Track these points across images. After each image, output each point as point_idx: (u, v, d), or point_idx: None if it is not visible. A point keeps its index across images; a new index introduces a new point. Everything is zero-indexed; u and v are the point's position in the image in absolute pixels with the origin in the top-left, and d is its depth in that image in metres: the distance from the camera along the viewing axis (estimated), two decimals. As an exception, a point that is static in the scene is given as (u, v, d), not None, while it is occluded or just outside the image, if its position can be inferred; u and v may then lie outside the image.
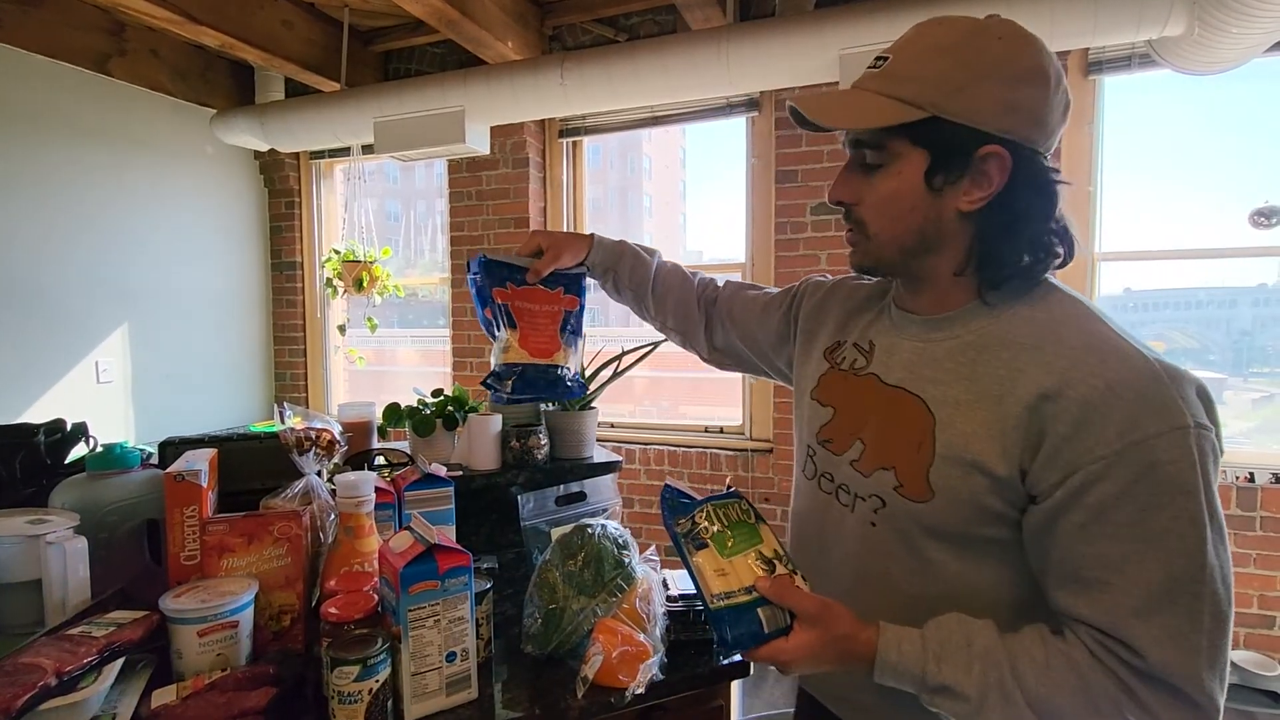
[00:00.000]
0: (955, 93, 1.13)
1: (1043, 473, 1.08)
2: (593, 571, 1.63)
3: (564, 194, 5.69)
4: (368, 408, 2.37)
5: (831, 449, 1.38)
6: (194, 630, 1.36)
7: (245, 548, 1.52)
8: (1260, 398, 4.55)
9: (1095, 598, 1.04)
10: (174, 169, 5.60)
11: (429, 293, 6.46)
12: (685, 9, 4.41)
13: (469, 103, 4.62)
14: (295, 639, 1.54)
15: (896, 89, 1.17)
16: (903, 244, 1.24)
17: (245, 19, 4.64)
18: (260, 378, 6.42)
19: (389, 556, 1.37)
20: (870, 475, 1.27)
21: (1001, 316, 1.21)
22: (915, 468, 1.20)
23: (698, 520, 1.28)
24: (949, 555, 1.19)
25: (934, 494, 1.17)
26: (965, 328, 1.24)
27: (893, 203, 1.22)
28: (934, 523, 1.18)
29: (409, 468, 2.08)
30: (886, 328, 1.39)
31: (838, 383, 1.43)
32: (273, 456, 1.86)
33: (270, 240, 6.44)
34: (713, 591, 1.19)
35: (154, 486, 1.75)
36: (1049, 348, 1.12)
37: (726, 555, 1.23)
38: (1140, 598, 1.01)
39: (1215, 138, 4.45)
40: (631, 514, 5.35)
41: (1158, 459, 1.00)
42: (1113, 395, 1.03)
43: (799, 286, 1.74)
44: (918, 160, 1.18)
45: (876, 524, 1.26)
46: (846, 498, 1.33)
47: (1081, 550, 1.05)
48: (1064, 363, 1.09)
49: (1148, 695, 1.00)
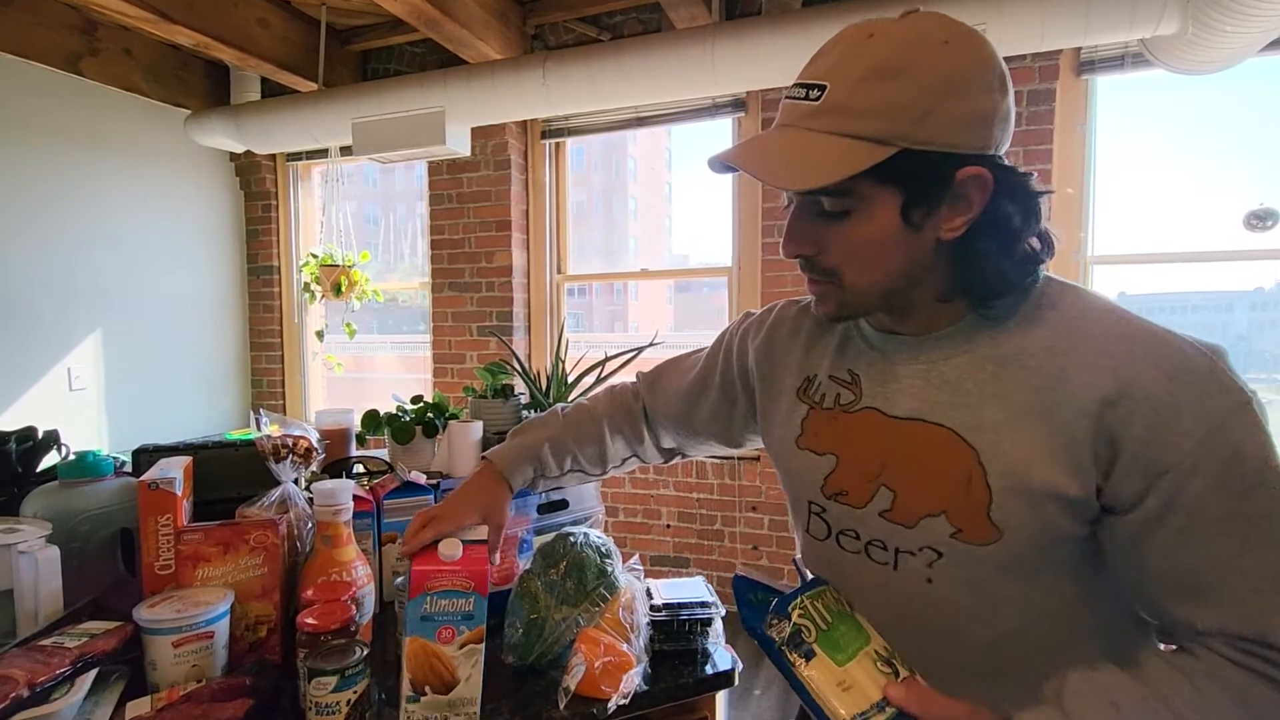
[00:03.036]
0: (921, 119, 1.01)
1: (1124, 482, 1.00)
2: (575, 581, 1.63)
3: (546, 196, 5.70)
4: (346, 415, 2.37)
5: (848, 501, 1.22)
6: (169, 641, 1.36)
7: (221, 557, 1.52)
8: None
9: (1221, 603, 0.97)
10: (148, 171, 5.59)
11: (409, 298, 6.46)
12: (670, 7, 4.42)
13: (449, 103, 4.63)
14: (272, 650, 1.54)
15: (852, 126, 1.03)
16: (885, 288, 1.13)
17: (220, 17, 4.65)
18: (236, 384, 6.41)
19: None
20: (915, 526, 1.13)
21: (1009, 324, 1.13)
22: (972, 509, 1.08)
23: (796, 620, 1.10)
24: (1021, 589, 1.10)
25: (1002, 533, 1.06)
26: (970, 341, 1.14)
27: (869, 249, 1.10)
28: (1006, 559, 1.08)
29: (388, 476, 2.09)
30: (867, 353, 1.27)
31: (827, 424, 1.27)
32: (249, 464, 1.86)
33: (246, 244, 6.43)
34: (845, 715, 1.02)
35: (128, 495, 1.76)
36: (1085, 347, 1.05)
37: (842, 664, 1.06)
38: (1270, 589, 0.94)
39: (1209, 139, 4.45)
40: (616, 523, 5.38)
41: (1238, 441, 0.96)
42: (1178, 386, 0.98)
43: (727, 339, 1.60)
44: (890, 199, 1.06)
45: (934, 579, 1.13)
46: (883, 554, 1.18)
47: (1189, 556, 0.98)
48: (1111, 361, 1.02)
49: None
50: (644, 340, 2.68)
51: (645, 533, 5.35)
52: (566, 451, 1.67)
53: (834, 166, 1.02)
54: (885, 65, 1.01)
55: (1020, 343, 1.10)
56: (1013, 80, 1.07)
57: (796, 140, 1.06)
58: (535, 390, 2.55)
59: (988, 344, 1.12)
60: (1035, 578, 1.09)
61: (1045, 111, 4.23)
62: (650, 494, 5.28)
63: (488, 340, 5.58)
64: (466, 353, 5.70)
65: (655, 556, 5.31)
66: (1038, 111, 4.24)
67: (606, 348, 2.72)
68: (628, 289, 6.70)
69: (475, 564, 1.36)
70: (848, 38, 1.07)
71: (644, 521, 5.35)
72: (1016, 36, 3.61)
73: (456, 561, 1.36)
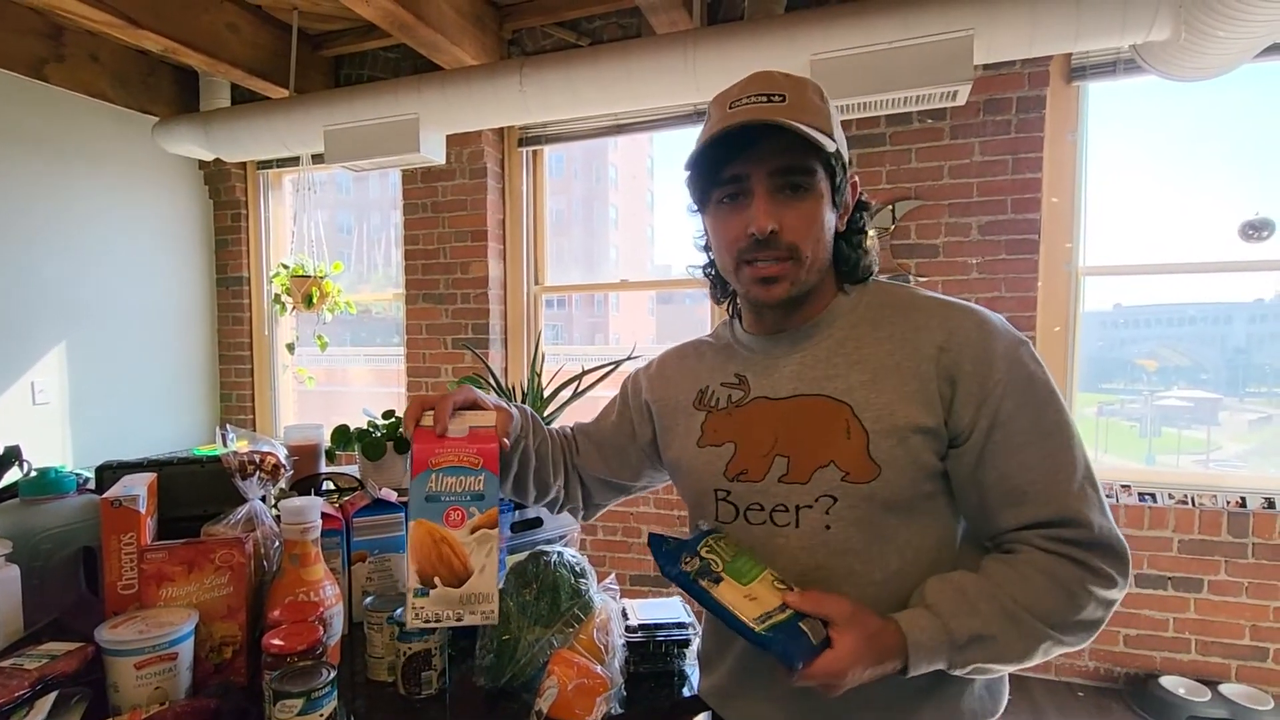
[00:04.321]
0: (834, 130, 1.39)
1: (963, 410, 1.31)
2: (548, 601, 1.64)
3: (524, 205, 5.70)
4: (315, 430, 2.37)
5: (749, 479, 1.43)
6: (131, 662, 1.36)
7: (185, 576, 1.53)
8: (1257, 419, 4.51)
9: (1035, 500, 1.27)
10: (114, 180, 5.57)
11: (382, 309, 6.45)
12: (650, 12, 4.41)
13: (424, 110, 4.63)
14: (237, 671, 1.54)
15: (813, 120, 1.34)
16: (822, 262, 1.43)
17: (189, 22, 4.64)
18: (204, 398, 6.38)
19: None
20: (809, 480, 1.36)
21: (857, 308, 1.47)
22: (855, 452, 1.33)
23: (704, 556, 1.33)
24: (901, 525, 1.34)
25: (881, 469, 1.31)
26: (832, 327, 1.46)
27: (816, 226, 1.38)
28: (887, 495, 1.32)
29: (358, 493, 2.09)
30: (748, 358, 1.55)
31: (723, 421, 1.51)
32: (215, 481, 1.86)
33: (215, 254, 6.40)
34: (752, 617, 1.22)
35: (90, 512, 1.76)
36: (916, 314, 1.40)
37: (746, 583, 1.28)
38: (1068, 482, 1.26)
39: (1204, 147, 4.44)
40: (594, 541, 5.37)
41: (1031, 370, 1.31)
42: (984, 331, 1.33)
43: (626, 384, 1.81)
44: (825, 189, 1.39)
45: (832, 525, 1.35)
46: (786, 517, 1.39)
47: (1010, 462, 1.28)
48: (936, 319, 1.37)
49: (1097, 560, 1.25)
50: (623, 353, 2.69)
51: (624, 551, 5.34)
52: (540, 431, 1.72)
53: (821, 142, 1.31)
54: (810, 89, 1.40)
55: (868, 322, 1.44)
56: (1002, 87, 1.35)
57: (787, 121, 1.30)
58: (510, 405, 2.55)
59: (846, 328, 1.45)
60: (911, 516, 1.35)
61: (1035, 119, 4.25)
62: (630, 510, 5.28)
63: (463, 353, 5.57)
64: (441, 366, 5.69)
65: (635, 576, 5.30)
66: (1027, 119, 4.26)
67: (586, 361, 2.72)
68: (608, 300, 6.69)
69: (484, 441, 1.37)
70: (771, 75, 1.40)
71: (623, 539, 5.35)
72: (1006, 42, 3.61)
73: (464, 436, 1.37)
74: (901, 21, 3.62)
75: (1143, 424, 4.71)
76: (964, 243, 4.38)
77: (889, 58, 3.65)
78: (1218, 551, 4.08)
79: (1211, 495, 4.08)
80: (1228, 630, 4.09)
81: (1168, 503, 4.14)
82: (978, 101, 4.27)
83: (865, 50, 3.69)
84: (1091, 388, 4.61)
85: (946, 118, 4.38)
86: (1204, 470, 4.43)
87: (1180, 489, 4.15)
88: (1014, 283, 4.28)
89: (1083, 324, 4.38)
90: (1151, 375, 4.65)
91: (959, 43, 3.54)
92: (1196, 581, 4.12)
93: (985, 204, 4.34)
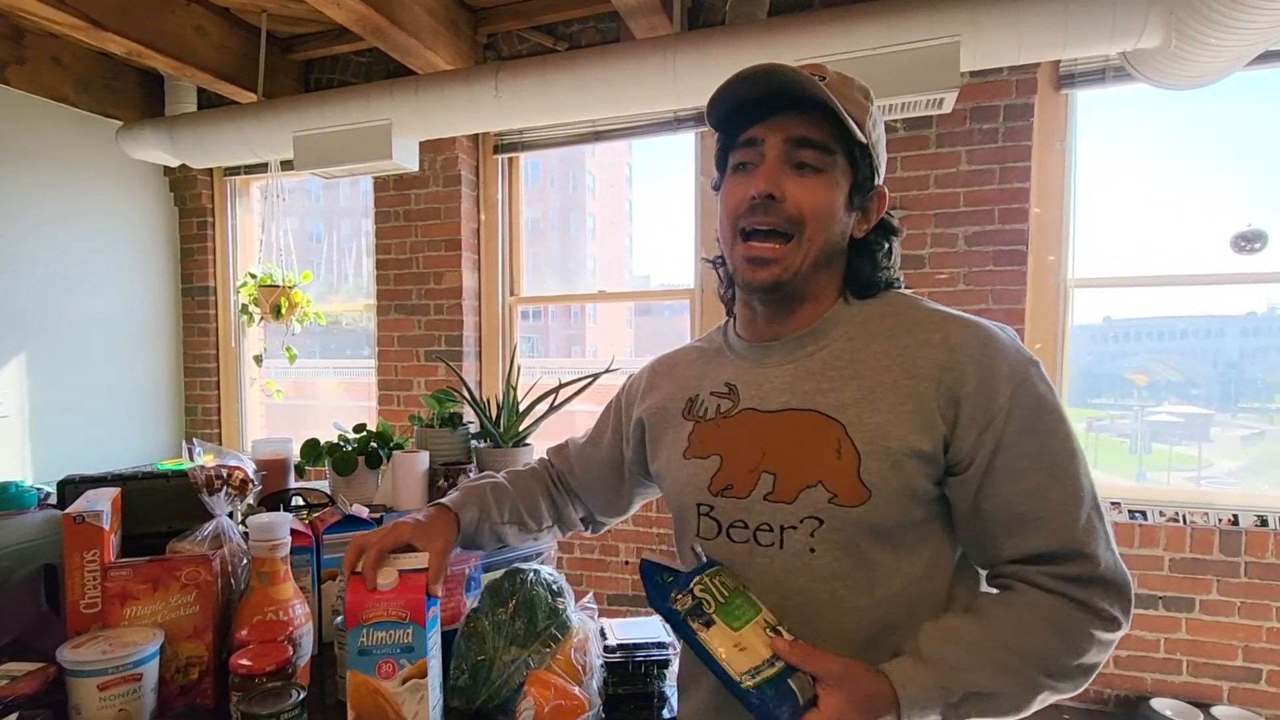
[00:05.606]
0: (867, 124, 1.36)
1: (965, 435, 1.27)
2: (525, 620, 1.64)
3: (499, 214, 5.70)
4: (284, 444, 2.37)
5: (734, 494, 1.41)
6: (94, 684, 1.36)
7: (150, 595, 1.53)
8: (1249, 435, 4.53)
9: (1038, 529, 1.25)
10: (77, 186, 5.54)
11: (353, 320, 6.45)
12: (629, 17, 4.42)
13: (396, 115, 4.63)
14: (204, 693, 1.54)
15: (844, 104, 1.31)
16: (821, 253, 1.39)
17: (154, 24, 4.63)
18: (170, 412, 6.35)
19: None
20: (795, 500, 1.33)
21: (855, 318, 1.43)
22: (844, 473, 1.30)
23: (697, 594, 1.28)
24: (889, 553, 1.31)
25: (870, 492, 1.28)
26: (828, 337, 1.43)
27: (826, 209, 1.36)
28: (876, 521, 1.29)
29: (329, 509, 2.09)
30: (739, 366, 1.52)
31: (710, 432, 1.49)
32: (181, 496, 1.86)
33: (181, 263, 6.38)
34: (740, 670, 1.20)
35: (52, 529, 1.75)
36: (918, 328, 1.36)
37: (738, 630, 1.24)
38: (1074, 513, 1.23)
39: (1195, 156, 4.47)
40: (571, 559, 5.37)
41: (1040, 392, 1.27)
42: (990, 350, 1.29)
43: (616, 398, 1.82)
44: (845, 178, 1.37)
45: (816, 548, 1.32)
46: (769, 536, 1.36)
47: (1012, 489, 1.25)
48: (939, 334, 1.33)
49: (1099, 600, 1.22)
50: (601, 366, 2.69)
51: (602, 570, 5.34)
52: (507, 498, 1.73)
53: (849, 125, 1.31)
54: (849, 80, 1.38)
55: (866, 333, 1.40)
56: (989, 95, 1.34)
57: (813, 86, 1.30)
58: (485, 419, 2.55)
59: (842, 339, 1.41)
60: (901, 543, 1.32)
61: (1023, 127, 4.26)
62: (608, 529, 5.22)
63: (436, 365, 5.57)
64: (414, 379, 5.69)
65: (613, 595, 5.30)
66: (1015, 127, 4.27)
67: (563, 373, 2.72)
68: (585, 311, 6.72)
69: (411, 592, 1.38)
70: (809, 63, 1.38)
71: (601, 558, 5.34)
72: (992, 48, 3.63)
73: (391, 590, 1.37)
74: (886, 27, 3.64)
75: (1133, 440, 4.73)
76: (950, 253, 4.40)
77: (873, 64, 3.66)
78: (1210, 570, 4.09)
79: (1203, 513, 4.09)
80: (1220, 651, 4.10)
81: (1158, 521, 4.15)
82: (964, 109, 4.29)
83: (849, 56, 3.70)
84: (1081, 403, 4.63)
85: (933, 126, 4.39)
86: (1195, 487, 4.46)
87: (1171, 506, 4.16)
88: (1001, 294, 4.29)
89: (1072, 337, 4.39)
90: (1142, 390, 4.67)
91: (945, 49, 3.56)
92: (1188, 601, 4.13)
93: (972, 214, 4.35)
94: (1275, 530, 3.98)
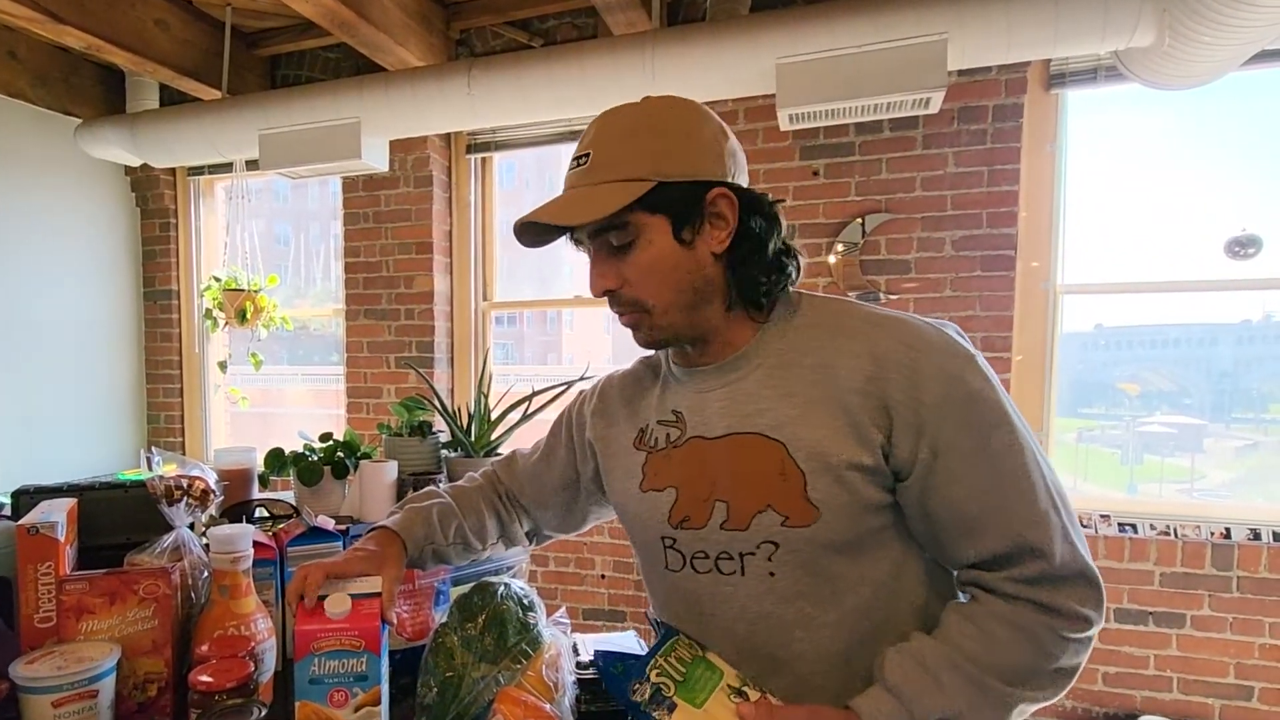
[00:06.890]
0: (664, 157, 1.37)
1: (902, 442, 1.30)
2: (495, 636, 1.63)
3: (472, 216, 5.70)
4: (247, 454, 2.36)
5: (692, 525, 1.45)
6: (49, 700, 1.35)
7: (107, 609, 1.52)
8: (1243, 446, 4.52)
9: (986, 530, 1.28)
10: (33, 185, 5.51)
11: (321, 325, 6.43)
12: (606, 12, 4.42)
13: (365, 114, 4.62)
14: (162, 710, 1.53)
15: (614, 174, 1.37)
16: (681, 304, 1.43)
17: (114, 18, 4.61)
18: (130, 420, 6.32)
19: None
20: (749, 526, 1.38)
21: (786, 334, 1.46)
22: (792, 494, 1.34)
23: (654, 680, 1.31)
24: (849, 564, 1.36)
25: (819, 510, 1.32)
26: (760, 356, 1.46)
27: (656, 270, 1.40)
28: (829, 537, 1.33)
29: (293, 520, 2.09)
30: (681, 392, 1.56)
31: (663, 463, 1.53)
32: (139, 507, 1.85)
33: (143, 266, 6.35)
34: None
35: (5, 540, 1.74)
36: (842, 340, 1.39)
37: (701, 704, 1.28)
38: (1023, 508, 1.26)
39: (1188, 159, 4.44)
40: (545, 573, 5.37)
41: (976, 388, 1.29)
42: (915, 352, 1.31)
43: (567, 414, 1.87)
44: (661, 225, 1.39)
45: (776, 571, 1.37)
46: (730, 564, 1.42)
47: (957, 491, 1.28)
48: (863, 344, 1.35)
49: (1064, 599, 1.25)
50: (577, 374, 2.69)
51: (577, 584, 5.33)
52: (453, 517, 1.76)
53: (607, 203, 1.34)
54: (629, 127, 1.41)
55: (796, 347, 1.43)
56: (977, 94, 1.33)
57: (577, 195, 1.40)
58: (455, 428, 2.55)
59: (774, 356, 1.44)
60: (861, 552, 1.36)
61: (1012, 128, 4.28)
62: (583, 541, 5.26)
63: (407, 373, 5.56)
64: (384, 386, 5.68)
65: (588, 610, 5.29)
66: (1003, 128, 4.29)
67: (537, 381, 2.73)
68: (561, 318, 6.69)
69: (366, 620, 1.38)
70: (599, 119, 1.45)
71: (576, 571, 5.33)
72: (981, 46, 3.64)
73: (344, 618, 1.38)
74: (872, 24, 3.65)
75: (1124, 451, 4.74)
76: (937, 258, 4.40)
77: (858, 62, 3.68)
78: (1201, 585, 4.11)
79: (1195, 526, 4.11)
80: (1211, 668, 4.12)
81: (1149, 534, 4.17)
82: (952, 109, 4.30)
83: (833, 54, 3.72)
84: (1070, 412, 4.63)
85: (919, 126, 4.41)
86: (1188, 500, 4.46)
87: (1163, 519, 4.18)
88: (989, 301, 4.29)
89: (1061, 345, 4.40)
90: (1134, 399, 4.67)
91: (932, 47, 3.57)
92: (1179, 616, 4.15)
93: (959, 217, 4.36)
94: (1269, 544, 4.00)
